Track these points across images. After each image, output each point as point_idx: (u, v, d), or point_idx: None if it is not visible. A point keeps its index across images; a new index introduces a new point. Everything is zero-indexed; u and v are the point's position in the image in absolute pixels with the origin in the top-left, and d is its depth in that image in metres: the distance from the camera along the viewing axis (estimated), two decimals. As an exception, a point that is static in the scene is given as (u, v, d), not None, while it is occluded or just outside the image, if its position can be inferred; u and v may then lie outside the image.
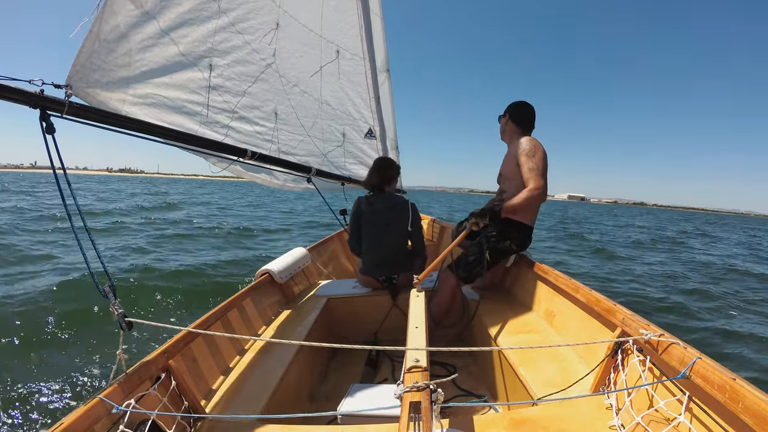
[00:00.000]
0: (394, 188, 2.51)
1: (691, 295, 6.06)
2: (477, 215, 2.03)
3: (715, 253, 12.71)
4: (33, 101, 1.10)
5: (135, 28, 1.45)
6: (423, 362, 0.95)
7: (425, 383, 0.84)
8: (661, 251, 12.30)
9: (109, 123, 1.35)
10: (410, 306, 1.46)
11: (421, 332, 1.19)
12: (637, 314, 1.24)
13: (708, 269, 8.92)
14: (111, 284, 1.06)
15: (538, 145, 2.06)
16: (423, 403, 0.79)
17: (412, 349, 1.01)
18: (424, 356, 0.98)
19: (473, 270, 2.07)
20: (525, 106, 2.22)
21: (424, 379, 0.87)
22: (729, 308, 5.53)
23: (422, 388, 0.83)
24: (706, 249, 14.07)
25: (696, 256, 11.32)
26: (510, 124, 2.21)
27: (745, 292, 6.63)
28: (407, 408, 0.78)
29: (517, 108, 2.21)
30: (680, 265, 9.40)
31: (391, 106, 3.67)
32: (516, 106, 2.22)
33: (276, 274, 2.22)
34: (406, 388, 0.84)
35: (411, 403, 0.79)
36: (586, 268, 8.02)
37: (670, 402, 0.96)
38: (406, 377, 0.90)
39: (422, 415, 0.75)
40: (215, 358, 1.50)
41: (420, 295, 1.58)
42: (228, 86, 1.99)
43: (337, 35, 2.74)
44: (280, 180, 2.71)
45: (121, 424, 0.92)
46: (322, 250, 3.32)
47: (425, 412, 0.76)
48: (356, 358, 2.16)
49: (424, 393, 0.81)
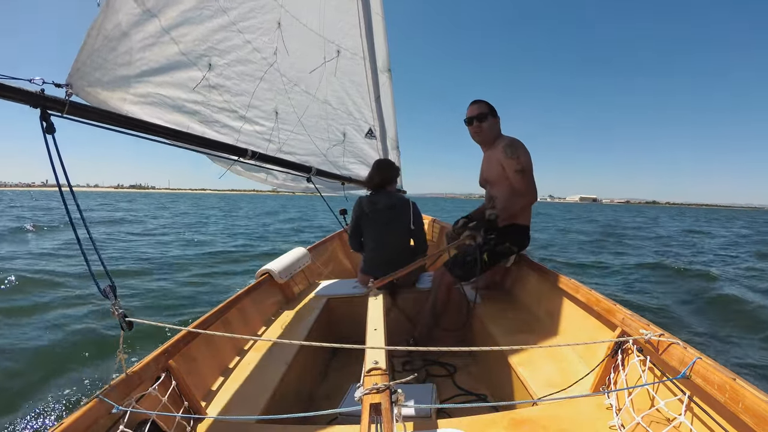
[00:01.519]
0: (394, 188, 2.51)
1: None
2: (472, 229, 1.99)
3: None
4: (33, 100, 1.09)
5: (136, 26, 1.45)
6: (382, 364, 0.95)
7: (385, 384, 0.84)
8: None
9: (110, 122, 1.34)
10: (369, 307, 1.48)
11: (380, 333, 1.21)
12: (637, 314, 1.24)
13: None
14: (111, 284, 1.06)
15: (521, 144, 2.02)
16: (383, 404, 0.79)
17: (371, 348, 1.03)
18: (383, 357, 0.98)
19: (470, 270, 2.06)
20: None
21: (384, 381, 0.87)
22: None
23: (382, 389, 0.83)
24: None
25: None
26: (497, 123, 2.15)
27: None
28: (368, 410, 0.79)
29: (493, 106, 2.13)
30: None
31: (391, 106, 3.67)
32: (490, 104, 2.13)
33: (276, 274, 2.22)
34: (365, 390, 0.84)
35: (371, 405, 0.80)
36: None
37: (671, 402, 0.96)
38: (366, 379, 0.91)
39: (383, 416, 0.76)
40: (215, 358, 1.50)
41: (378, 298, 1.61)
42: (228, 85, 1.99)
43: (338, 35, 2.74)
44: (279, 179, 2.71)
45: (121, 424, 0.92)
46: (322, 250, 3.31)
47: (385, 413, 0.77)
48: (356, 358, 2.15)
49: (384, 395, 0.82)
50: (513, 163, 1.97)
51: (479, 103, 2.14)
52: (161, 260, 7.35)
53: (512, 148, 1.99)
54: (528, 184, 1.98)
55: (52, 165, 1.11)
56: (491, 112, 2.12)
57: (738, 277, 7.20)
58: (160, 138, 1.57)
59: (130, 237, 11.24)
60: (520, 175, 1.97)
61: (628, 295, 5.79)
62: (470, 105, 2.18)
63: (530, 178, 1.99)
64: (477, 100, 2.16)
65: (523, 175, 1.97)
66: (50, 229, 12.03)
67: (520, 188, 1.98)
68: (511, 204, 2.01)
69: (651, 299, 5.58)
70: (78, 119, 1.24)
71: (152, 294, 4.96)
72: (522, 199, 2.00)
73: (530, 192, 1.99)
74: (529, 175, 1.98)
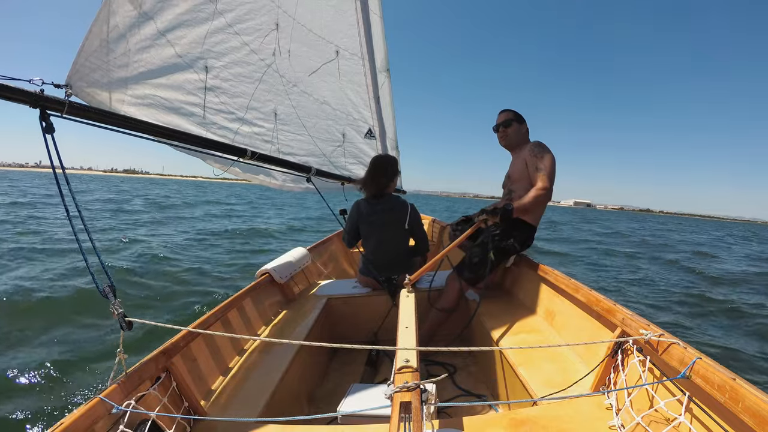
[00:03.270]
0: (393, 189, 2.50)
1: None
2: (489, 212, 2.03)
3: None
4: (33, 101, 1.10)
5: (133, 28, 1.45)
6: (413, 362, 0.95)
7: (416, 383, 0.84)
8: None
9: (109, 123, 1.35)
10: (400, 306, 1.45)
11: (411, 332, 1.19)
12: (637, 314, 1.24)
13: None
14: (111, 284, 1.06)
15: (547, 147, 2.11)
16: (413, 403, 0.79)
17: (403, 349, 1.02)
18: (414, 356, 0.98)
19: (478, 271, 2.07)
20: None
21: (414, 379, 0.87)
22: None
23: (413, 388, 0.83)
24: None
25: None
26: (524, 128, 2.28)
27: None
28: (398, 408, 0.78)
29: (519, 114, 2.29)
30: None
31: (391, 106, 3.67)
32: (516, 112, 2.29)
33: (276, 274, 2.22)
34: (396, 389, 0.84)
35: (401, 403, 0.79)
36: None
37: (670, 402, 0.96)
38: (397, 377, 0.90)
39: (413, 415, 0.75)
40: (215, 358, 1.50)
41: (410, 296, 1.57)
42: (225, 87, 1.99)
43: (337, 35, 2.74)
44: (279, 180, 2.71)
45: (121, 424, 0.92)
46: (322, 250, 3.32)
47: (416, 412, 0.76)
48: (356, 358, 2.16)
49: (415, 393, 0.82)
50: (537, 161, 2.05)
51: (506, 112, 2.31)
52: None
53: (539, 147, 2.10)
54: (546, 183, 2.01)
55: (52, 165, 1.11)
56: (516, 119, 2.27)
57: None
58: (159, 138, 1.57)
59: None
60: (541, 173, 2.02)
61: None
62: (499, 113, 2.35)
63: (550, 178, 2.04)
64: (504, 109, 2.32)
65: (544, 173, 2.02)
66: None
67: (538, 186, 2.02)
68: (527, 197, 2.03)
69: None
70: (77, 119, 1.25)
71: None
72: (537, 195, 2.02)
73: (546, 191, 2.02)
74: (549, 176, 2.03)
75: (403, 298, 1.53)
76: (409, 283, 1.67)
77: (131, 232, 9.40)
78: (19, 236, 7.94)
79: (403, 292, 1.61)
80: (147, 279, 5.33)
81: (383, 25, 3.15)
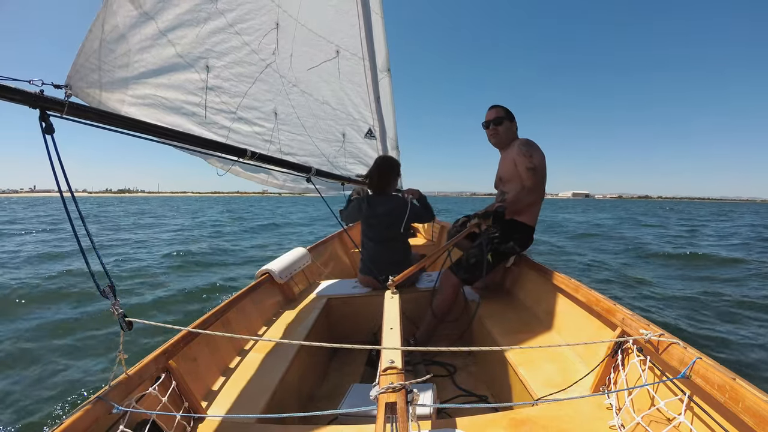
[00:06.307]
0: (394, 188, 2.51)
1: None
2: (481, 216, 2.03)
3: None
4: (32, 101, 1.09)
5: (134, 28, 1.45)
6: (398, 363, 0.95)
7: (401, 384, 0.84)
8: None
9: (108, 123, 1.34)
10: (384, 307, 1.46)
11: (396, 333, 1.19)
12: (637, 314, 1.23)
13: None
14: (111, 284, 1.06)
15: (536, 145, 2.08)
16: (399, 403, 0.79)
17: (387, 349, 1.02)
18: (399, 357, 0.98)
19: (475, 272, 2.07)
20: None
21: (399, 380, 0.87)
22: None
23: (398, 389, 0.83)
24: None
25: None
26: (514, 126, 2.23)
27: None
28: (383, 409, 0.79)
29: (510, 111, 2.23)
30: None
31: (391, 106, 3.67)
32: (507, 109, 2.23)
33: (276, 274, 2.22)
34: (381, 390, 0.84)
35: (387, 404, 0.80)
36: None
37: (671, 402, 0.96)
38: (382, 379, 0.90)
39: (398, 416, 0.75)
40: (215, 358, 1.50)
41: (395, 297, 1.58)
42: (226, 87, 1.99)
43: (337, 35, 2.73)
44: (279, 180, 2.71)
45: (121, 424, 0.92)
46: (322, 250, 3.31)
47: (401, 412, 0.76)
48: (356, 358, 2.16)
49: (400, 394, 0.82)
50: (526, 160, 2.02)
51: (496, 108, 2.22)
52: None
53: (527, 146, 2.05)
54: (537, 182, 2.01)
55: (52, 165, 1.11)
56: (508, 117, 2.19)
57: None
58: (160, 139, 1.57)
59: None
60: (530, 173, 2.01)
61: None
62: (488, 109, 2.25)
63: (541, 177, 2.03)
64: (495, 105, 2.24)
65: (534, 173, 2.01)
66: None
67: (529, 185, 2.02)
68: (519, 198, 2.04)
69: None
70: (77, 120, 1.25)
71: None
72: (530, 196, 2.03)
73: (538, 190, 2.03)
74: (539, 174, 2.02)
75: (388, 299, 1.54)
76: (392, 284, 1.69)
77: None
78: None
79: (388, 293, 1.62)
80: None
81: (384, 24, 3.15)
